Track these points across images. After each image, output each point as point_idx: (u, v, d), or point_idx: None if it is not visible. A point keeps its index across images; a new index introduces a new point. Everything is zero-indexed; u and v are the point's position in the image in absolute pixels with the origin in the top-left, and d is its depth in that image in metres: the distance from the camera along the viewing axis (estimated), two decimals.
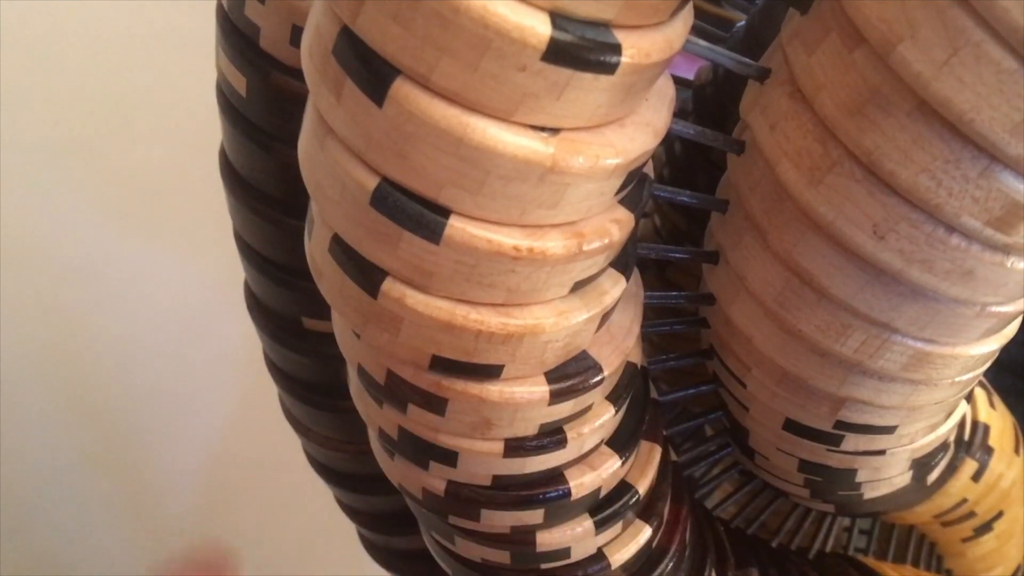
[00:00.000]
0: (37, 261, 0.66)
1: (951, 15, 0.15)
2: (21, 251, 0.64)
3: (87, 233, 0.67)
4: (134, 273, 0.69)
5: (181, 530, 0.76)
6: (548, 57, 0.14)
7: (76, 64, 0.64)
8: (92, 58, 0.64)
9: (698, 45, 0.18)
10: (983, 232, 0.17)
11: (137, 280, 0.69)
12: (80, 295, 0.68)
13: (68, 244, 0.67)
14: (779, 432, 0.25)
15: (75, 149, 0.66)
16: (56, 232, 0.66)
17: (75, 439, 0.70)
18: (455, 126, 0.14)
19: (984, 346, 0.22)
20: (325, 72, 0.15)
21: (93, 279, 0.68)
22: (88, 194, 0.67)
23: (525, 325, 0.18)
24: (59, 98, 0.64)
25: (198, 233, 0.65)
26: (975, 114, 0.16)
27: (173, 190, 0.67)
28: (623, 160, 0.16)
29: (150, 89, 0.66)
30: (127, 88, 0.66)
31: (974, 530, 0.34)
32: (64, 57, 0.64)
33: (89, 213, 0.67)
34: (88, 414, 0.71)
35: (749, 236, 0.21)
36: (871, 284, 0.19)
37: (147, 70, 0.66)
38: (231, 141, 0.25)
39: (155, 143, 0.67)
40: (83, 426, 0.71)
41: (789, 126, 0.19)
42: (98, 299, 0.69)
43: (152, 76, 0.66)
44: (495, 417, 0.20)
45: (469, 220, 0.16)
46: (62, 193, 0.66)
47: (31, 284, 0.66)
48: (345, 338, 0.21)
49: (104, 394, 0.71)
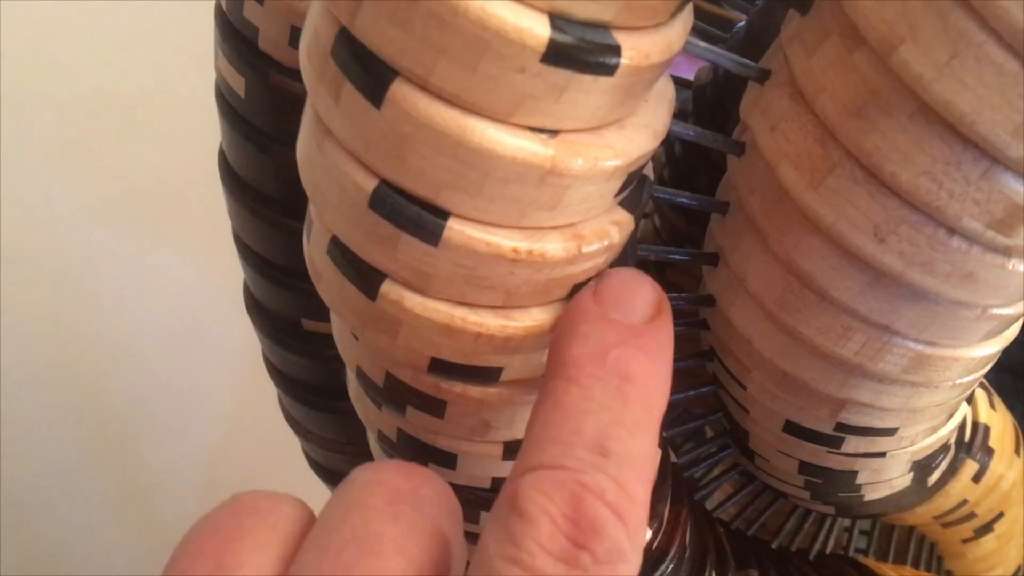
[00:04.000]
0: (37, 261, 0.66)
1: (952, 17, 0.15)
2: (21, 251, 0.64)
3: (87, 233, 0.67)
4: (134, 273, 0.69)
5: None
6: (547, 59, 0.14)
7: (76, 64, 0.64)
8: (92, 58, 0.64)
9: (698, 46, 0.18)
10: (984, 234, 0.17)
11: (137, 280, 0.69)
12: (80, 295, 0.68)
13: (68, 244, 0.67)
14: (779, 434, 0.25)
15: (75, 149, 0.66)
16: (56, 232, 0.66)
17: (75, 439, 0.71)
18: (454, 128, 0.14)
19: (985, 348, 0.22)
20: (323, 74, 0.15)
21: (93, 279, 0.68)
22: (88, 194, 0.67)
23: (525, 327, 0.18)
24: (59, 98, 0.64)
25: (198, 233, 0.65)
26: (976, 116, 0.16)
27: (173, 190, 0.67)
28: (623, 162, 0.16)
29: (150, 89, 0.66)
30: (127, 88, 0.66)
31: (974, 531, 0.34)
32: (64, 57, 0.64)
33: (89, 213, 0.67)
34: (88, 414, 0.71)
35: (749, 238, 0.21)
36: (872, 286, 0.19)
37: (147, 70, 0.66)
38: (230, 142, 0.25)
39: (155, 143, 0.67)
40: (83, 426, 0.71)
41: (789, 127, 0.19)
42: (98, 299, 0.69)
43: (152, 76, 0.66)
44: (494, 419, 0.19)
45: (468, 222, 0.16)
46: (62, 193, 0.66)
47: (31, 284, 0.66)
48: (344, 340, 0.21)
49: (104, 394, 0.71)
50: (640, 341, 0.16)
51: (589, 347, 0.16)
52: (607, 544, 0.14)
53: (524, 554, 0.14)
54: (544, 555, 0.14)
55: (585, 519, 0.14)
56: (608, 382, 0.16)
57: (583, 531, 0.14)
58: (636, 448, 0.15)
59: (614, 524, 0.14)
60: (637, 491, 0.15)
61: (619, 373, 0.16)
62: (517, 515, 0.14)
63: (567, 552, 0.14)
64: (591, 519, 0.14)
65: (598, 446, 0.15)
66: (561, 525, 0.14)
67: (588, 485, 0.14)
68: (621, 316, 0.17)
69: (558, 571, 0.14)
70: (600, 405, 0.15)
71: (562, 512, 0.14)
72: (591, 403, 0.15)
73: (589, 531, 0.14)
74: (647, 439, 0.16)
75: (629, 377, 0.16)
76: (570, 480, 0.14)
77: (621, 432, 0.15)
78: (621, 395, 0.16)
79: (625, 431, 0.15)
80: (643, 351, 0.16)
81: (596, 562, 0.14)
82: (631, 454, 0.15)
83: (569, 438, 0.15)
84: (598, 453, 0.15)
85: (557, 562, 0.14)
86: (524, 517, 0.14)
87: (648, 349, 0.16)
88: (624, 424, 0.15)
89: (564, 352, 0.16)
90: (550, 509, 0.14)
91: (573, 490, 0.14)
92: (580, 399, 0.15)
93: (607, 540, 0.14)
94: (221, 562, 0.15)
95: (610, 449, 0.15)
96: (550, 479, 0.14)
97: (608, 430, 0.15)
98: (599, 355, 0.16)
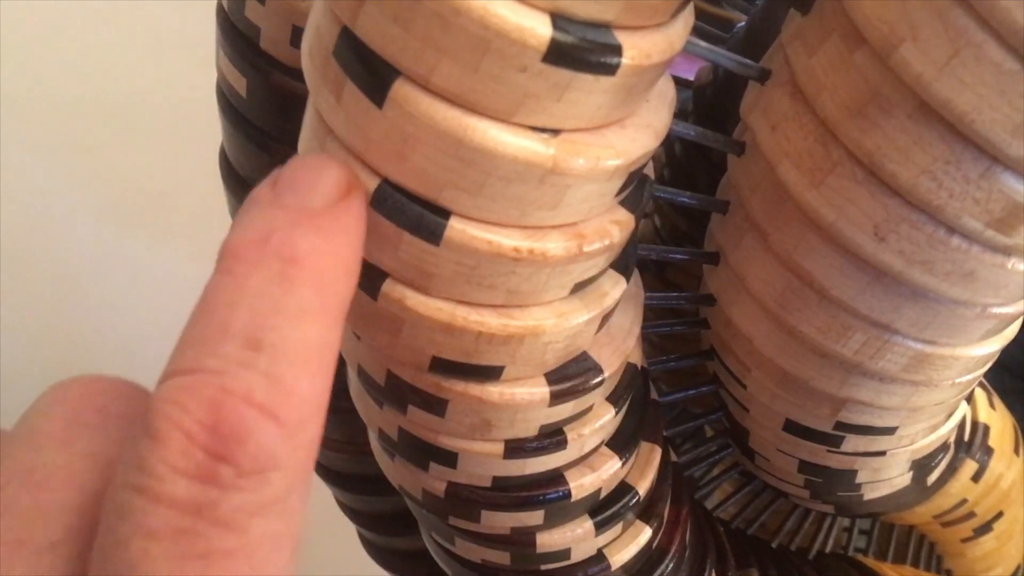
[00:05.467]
0: (37, 261, 0.66)
1: (952, 16, 0.15)
2: (21, 251, 0.64)
3: (87, 233, 0.67)
4: (134, 273, 0.69)
5: None
6: (549, 58, 0.14)
7: (76, 64, 0.64)
8: (92, 58, 0.64)
9: (698, 46, 0.18)
10: (984, 233, 0.17)
11: (137, 280, 0.69)
12: (80, 295, 0.68)
13: (68, 244, 0.67)
14: (779, 433, 0.25)
15: (75, 149, 0.66)
16: (56, 232, 0.66)
17: None
18: (455, 127, 0.14)
19: (985, 347, 0.22)
20: (325, 73, 0.15)
21: (93, 279, 0.68)
22: (88, 194, 0.67)
23: (525, 326, 0.18)
24: (59, 98, 0.64)
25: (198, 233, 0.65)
26: (976, 115, 0.16)
27: (174, 190, 0.67)
28: (624, 161, 0.16)
29: (150, 89, 0.66)
30: (127, 88, 0.66)
31: (974, 530, 0.34)
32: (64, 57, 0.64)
33: (89, 213, 0.67)
34: None
35: (750, 237, 0.21)
36: (872, 285, 0.19)
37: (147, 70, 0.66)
38: (231, 142, 0.25)
39: (155, 143, 0.67)
40: None
41: (790, 127, 0.19)
42: (98, 299, 0.68)
43: (152, 76, 0.66)
44: (495, 418, 0.20)
45: (469, 221, 0.16)
46: (62, 193, 0.66)
47: (31, 284, 0.66)
48: (345, 339, 0.21)
49: None
50: (315, 222, 0.14)
51: (251, 233, 0.14)
52: (252, 451, 0.12)
53: (151, 479, 0.12)
54: (174, 476, 0.12)
55: (226, 425, 0.12)
56: (268, 267, 0.13)
57: (223, 440, 0.12)
58: (299, 335, 0.13)
59: (262, 427, 0.12)
60: (298, 384, 0.13)
61: (282, 256, 0.13)
62: (146, 435, 0.12)
63: (202, 468, 0.12)
64: (233, 425, 0.12)
65: (249, 339, 0.13)
66: (197, 437, 0.12)
67: (231, 387, 0.12)
68: (296, 201, 0.14)
69: (192, 492, 0.12)
70: (255, 293, 0.13)
71: (198, 422, 0.12)
72: (244, 293, 0.13)
73: (231, 439, 0.12)
74: (316, 325, 0.13)
75: (295, 259, 0.13)
76: (210, 384, 0.12)
77: (279, 320, 0.13)
78: (283, 279, 0.13)
79: (284, 319, 0.13)
80: (317, 232, 0.14)
81: (240, 474, 0.12)
82: (291, 343, 0.13)
83: (214, 335, 0.13)
84: (248, 348, 0.13)
85: (191, 482, 0.12)
86: (153, 436, 0.12)
87: (325, 230, 0.14)
88: (284, 311, 0.13)
89: (225, 244, 0.14)
90: (183, 422, 0.12)
91: (213, 396, 0.12)
92: (232, 290, 0.13)
93: (252, 446, 0.12)
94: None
95: (263, 340, 0.13)
96: (186, 386, 0.12)
97: (262, 320, 0.13)
98: (261, 240, 0.14)
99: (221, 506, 0.12)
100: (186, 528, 0.12)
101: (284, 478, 0.13)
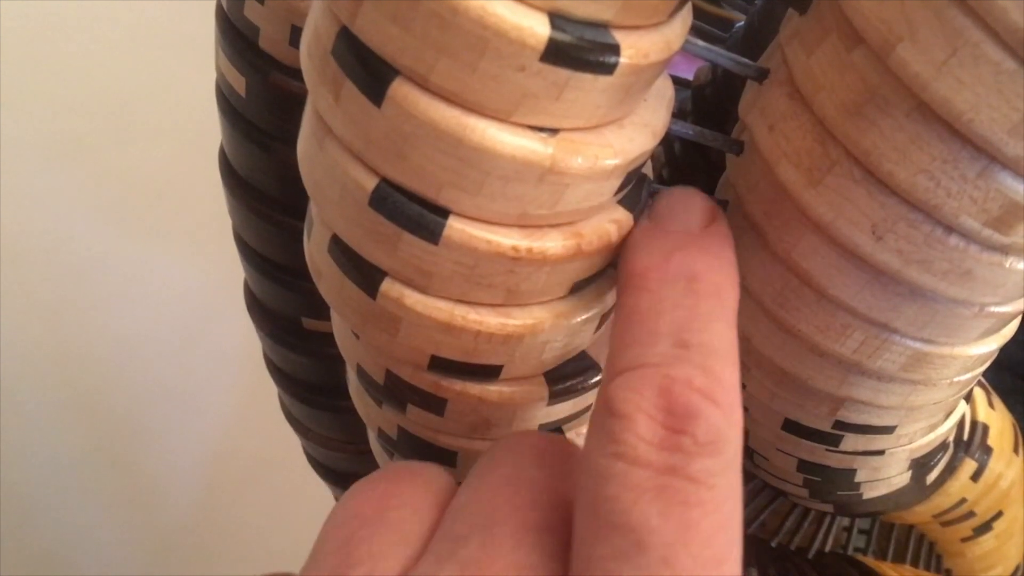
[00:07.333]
0: (37, 261, 0.66)
1: (950, 15, 0.15)
2: (21, 251, 0.64)
3: (87, 233, 0.67)
4: (134, 273, 0.69)
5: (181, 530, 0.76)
6: (547, 57, 0.14)
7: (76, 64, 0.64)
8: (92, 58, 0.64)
9: (697, 45, 0.18)
10: (981, 232, 0.17)
11: (137, 280, 0.69)
12: (80, 295, 0.68)
13: (68, 244, 0.67)
14: (778, 432, 0.25)
15: (75, 149, 0.66)
16: (56, 232, 0.66)
17: (75, 438, 0.71)
18: (454, 127, 0.14)
19: (983, 346, 0.22)
20: (324, 72, 0.15)
21: (93, 279, 0.68)
22: (88, 194, 0.67)
23: (524, 325, 0.18)
24: (59, 98, 0.64)
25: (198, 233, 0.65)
26: (974, 114, 0.16)
27: (173, 190, 0.67)
28: (622, 160, 0.16)
29: (150, 89, 0.66)
30: (127, 88, 0.66)
31: (973, 530, 0.34)
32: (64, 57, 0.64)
33: (89, 213, 0.67)
34: (88, 414, 0.71)
35: (748, 236, 0.21)
36: (870, 284, 0.19)
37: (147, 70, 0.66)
38: (230, 141, 0.25)
39: (155, 143, 0.67)
40: (83, 425, 0.71)
41: (788, 126, 0.19)
42: (98, 299, 0.69)
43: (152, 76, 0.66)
44: (494, 417, 0.20)
45: (468, 220, 0.16)
46: (62, 193, 0.66)
47: (31, 284, 0.66)
48: (344, 338, 0.21)
49: (104, 394, 0.71)
50: (700, 243, 0.17)
51: (651, 257, 0.17)
52: (704, 426, 0.14)
53: (626, 448, 0.14)
54: (646, 445, 0.14)
55: (679, 406, 0.14)
56: (675, 283, 0.16)
57: (679, 418, 0.14)
58: (716, 337, 0.15)
59: (708, 407, 0.14)
60: (724, 374, 0.15)
61: (684, 274, 0.16)
62: (612, 416, 0.14)
63: (667, 439, 0.14)
64: (684, 405, 0.14)
65: (678, 340, 0.15)
66: (656, 416, 0.14)
67: (674, 376, 0.15)
68: (677, 227, 0.17)
69: (663, 457, 0.14)
70: (672, 304, 0.16)
71: (654, 404, 0.14)
72: (663, 304, 0.16)
73: (684, 417, 0.14)
74: (725, 328, 0.16)
75: (695, 276, 0.16)
76: (657, 374, 0.15)
77: (697, 324, 0.15)
78: (691, 293, 0.16)
79: (701, 323, 0.15)
80: (704, 251, 0.17)
81: (697, 443, 0.14)
82: (712, 343, 0.15)
83: (647, 339, 0.15)
84: (679, 346, 0.15)
85: (660, 450, 0.14)
86: (619, 416, 0.14)
87: (709, 249, 0.17)
88: (699, 317, 0.16)
89: (628, 268, 0.17)
90: (642, 404, 0.14)
91: (661, 383, 0.15)
92: (651, 303, 0.16)
93: (704, 422, 0.14)
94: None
95: (689, 341, 0.15)
96: (637, 377, 0.15)
97: (684, 324, 0.15)
98: (662, 261, 0.16)
99: (689, 467, 0.14)
100: (665, 484, 0.14)
101: (732, 449, 0.15)
